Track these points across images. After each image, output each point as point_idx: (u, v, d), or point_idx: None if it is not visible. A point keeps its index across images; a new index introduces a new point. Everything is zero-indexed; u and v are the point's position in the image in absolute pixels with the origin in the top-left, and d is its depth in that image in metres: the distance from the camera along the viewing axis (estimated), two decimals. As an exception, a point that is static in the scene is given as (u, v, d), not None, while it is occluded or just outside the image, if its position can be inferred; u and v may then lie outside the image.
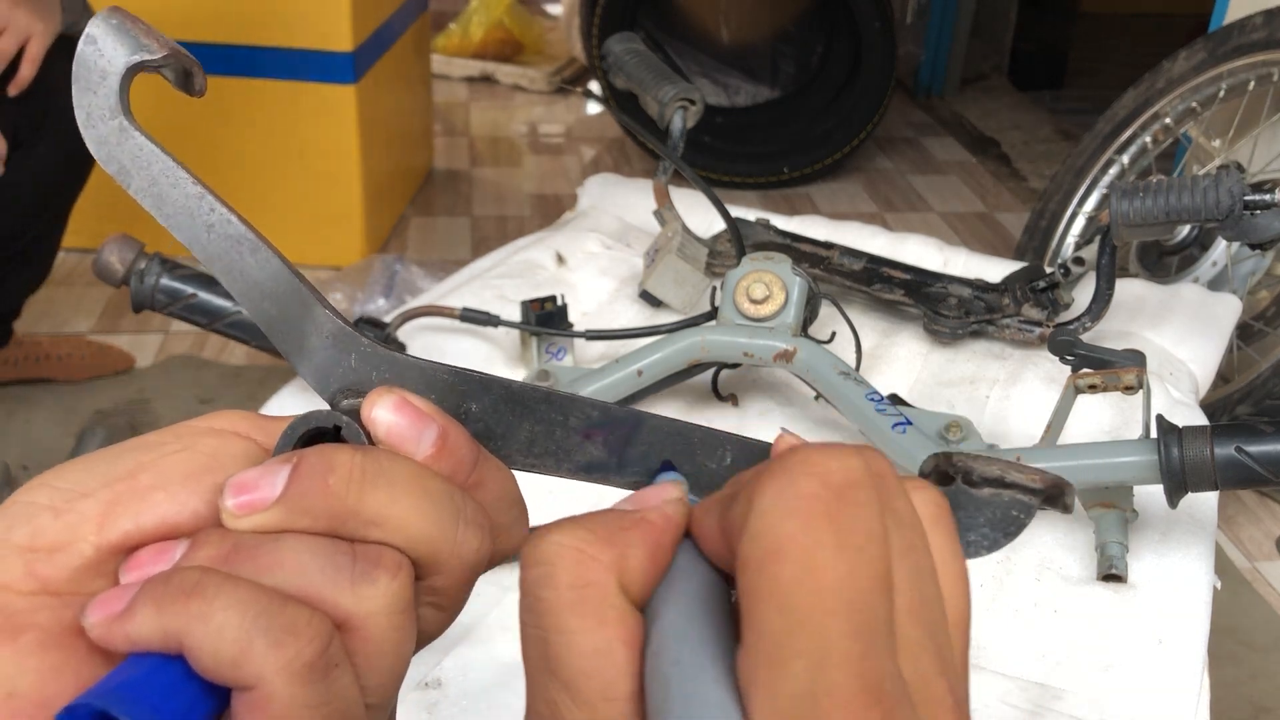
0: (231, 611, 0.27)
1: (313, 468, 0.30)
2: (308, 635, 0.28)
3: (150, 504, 0.30)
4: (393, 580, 0.30)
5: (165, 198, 0.35)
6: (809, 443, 0.28)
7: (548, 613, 0.29)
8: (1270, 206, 1.03)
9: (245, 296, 0.35)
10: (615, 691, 0.27)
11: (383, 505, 0.30)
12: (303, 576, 0.29)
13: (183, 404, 2.01)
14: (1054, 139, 3.50)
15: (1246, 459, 0.81)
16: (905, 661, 0.25)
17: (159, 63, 0.35)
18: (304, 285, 0.34)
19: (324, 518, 0.30)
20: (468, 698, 0.75)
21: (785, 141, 3.22)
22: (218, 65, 2.36)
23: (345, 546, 0.30)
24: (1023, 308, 1.20)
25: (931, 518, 0.29)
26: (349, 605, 0.29)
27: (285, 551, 0.29)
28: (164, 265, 0.98)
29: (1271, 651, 1.60)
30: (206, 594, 0.27)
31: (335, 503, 0.30)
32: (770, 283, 1.01)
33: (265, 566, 0.29)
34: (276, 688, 0.27)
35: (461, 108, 3.69)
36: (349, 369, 0.35)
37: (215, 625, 0.27)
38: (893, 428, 0.92)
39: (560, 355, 1.11)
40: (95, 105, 0.35)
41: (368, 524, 0.30)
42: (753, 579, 0.25)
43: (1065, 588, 0.87)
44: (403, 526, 0.30)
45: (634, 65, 1.29)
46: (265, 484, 0.29)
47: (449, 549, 0.31)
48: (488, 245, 2.53)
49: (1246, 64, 1.91)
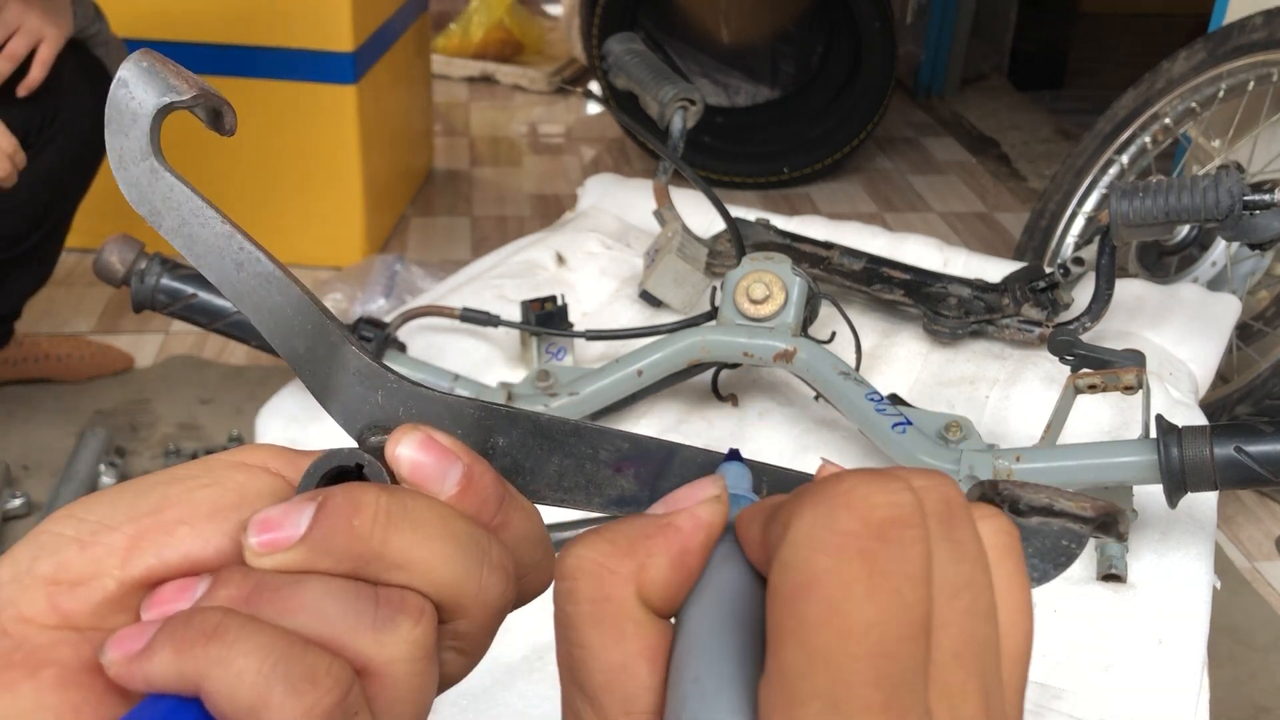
0: (252, 657, 0.27)
1: (337, 507, 0.29)
2: (327, 684, 0.27)
3: (175, 539, 0.30)
4: (416, 626, 0.29)
5: (195, 237, 0.36)
6: (856, 471, 0.27)
7: (571, 627, 0.29)
8: (1269, 206, 1.03)
9: (274, 333, 0.35)
10: (637, 706, 0.27)
11: (407, 548, 0.30)
12: (324, 620, 0.28)
13: (183, 404, 2.01)
14: (1054, 139, 3.51)
15: (1246, 459, 0.81)
16: (943, 707, 0.25)
17: (189, 103, 0.36)
18: (332, 322, 0.34)
19: (347, 559, 0.29)
20: (467, 697, 0.75)
21: (785, 141, 3.22)
22: (218, 65, 2.36)
23: (368, 590, 0.29)
24: (1022, 308, 1.20)
25: (1001, 548, 0.28)
26: (370, 651, 0.29)
27: (307, 594, 0.29)
28: (164, 265, 0.98)
29: (1271, 651, 1.61)
30: (227, 638, 0.27)
31: (359, 545, 0.29)
32: (770, 283, 1.01)
33: (287, 609, 0.28)
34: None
35: (462, 108, 3.69)
36: (376, 405, 0.34)
37: (235, 671, 0.27)
38: (892, 428, 0.93)
39: (560, 355, 1.11)
40: (127, 148, 0.35)
41: (391, 567, 0.30)
42: (779, 610, 0.25)
43: (1065, 587, 0.87)
44: (427, 571, 0.30)
45: (634, 65, 1.29)
46: (289, 522, 0.29)
47: (474, 593, 0.31)
48: (488, 245, 2.53)
49: (1246, 64, 1.91)
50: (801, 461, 1.02)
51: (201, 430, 1.93)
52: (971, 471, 0.87)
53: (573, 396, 0.99)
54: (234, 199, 2.48)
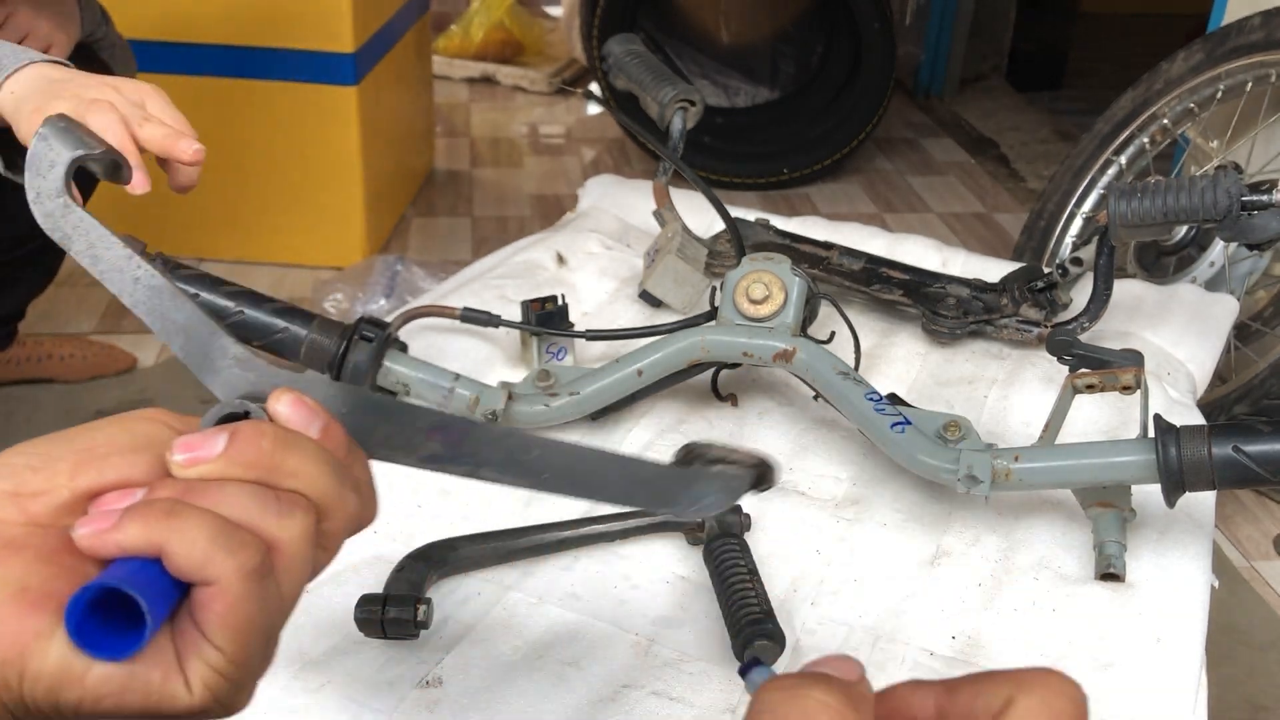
0: (201, 529, 0.39)
1: (249, 433, 0.42)
2: (251, 550, 0.40)
3: (109, 465, 0.41)
4: (306, 516, 0.42)
5: (100, 258, 0.46)
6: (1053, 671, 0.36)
7: None
8: (1268, 207, 1.04)
9: (165, 332, 0.46)
10: None
11: (297, 465, 0.42)
12: (243, 510, 0.40)
13: (184, 403, 2.02)
14: (1052, 140, 3.51)
15: (1244, 458, 0.81)
16: None
17: (96, 158, 0.46)
18: (212, 321, 0.46)
19: (255, 470, 0.41)
20: (468, 696, 0.75)
21: (785, 142, 3.22)
22: (220, 66, 2.36)
23: (271, 491, 0.41)
24: (1021, 308, 1.20)
25: None
26: (276, 533, 0.41)
27: (228, 492, 0.40)
28: (166, 265, 0.98)
29: (1269, 650, 1.61)
30: (181, 515, 0.39)
31: (265, 459, 0.41)
32: (770, 283, 1.01)
33: (215, 502, 0.40)
34: (231, 584, 0.39)
35: (462, 109, 3.69)
36: (249, 382, 0.46)
37: (189, 538, 0.39)
38: (891, 427, 0.93)
39: (561, 355, 1.11)
40: (44, 187, 0.45)
41: (286, 476, 0.42)
42: None
43: (1064, 587, 0.88)
44: (310, 481, 0.42)
45: (634, 66, 1.29)
46: (207, 445, 0.41)
47: (339, 503, 0.43)
48: (488, 246, 2.53)
49: (1244, 65, 1.91)
50: (800, 461, 1.03)
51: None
52: (970, 471, 0.88)
53: (573, 396, 1.00)
54: (235, 199, 2.49)
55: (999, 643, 0.83)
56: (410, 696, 0.73)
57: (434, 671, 0.75)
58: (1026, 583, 0.88)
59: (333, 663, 0.75)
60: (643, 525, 0.89)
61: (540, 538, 0.87)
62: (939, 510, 0.96)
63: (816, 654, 0.81)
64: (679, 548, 0.90)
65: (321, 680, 0.73)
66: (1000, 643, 0.83)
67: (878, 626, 0.84)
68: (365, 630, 0.75)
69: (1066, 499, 0.95)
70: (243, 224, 2.52)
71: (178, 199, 1.15)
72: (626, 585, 0.86)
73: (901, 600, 0.87)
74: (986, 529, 0.94)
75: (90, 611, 0.38)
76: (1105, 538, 0.89)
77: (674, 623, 0.83)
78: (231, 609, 0.39)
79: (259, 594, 0.40)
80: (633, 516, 0.89)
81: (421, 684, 0.74)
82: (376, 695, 0.72)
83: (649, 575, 0.88)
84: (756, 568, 0.84)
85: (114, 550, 0.39)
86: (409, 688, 0.74)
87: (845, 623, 0.85)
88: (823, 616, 0.85)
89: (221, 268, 2.42)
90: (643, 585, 0.87)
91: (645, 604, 0.85)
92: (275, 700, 0.71)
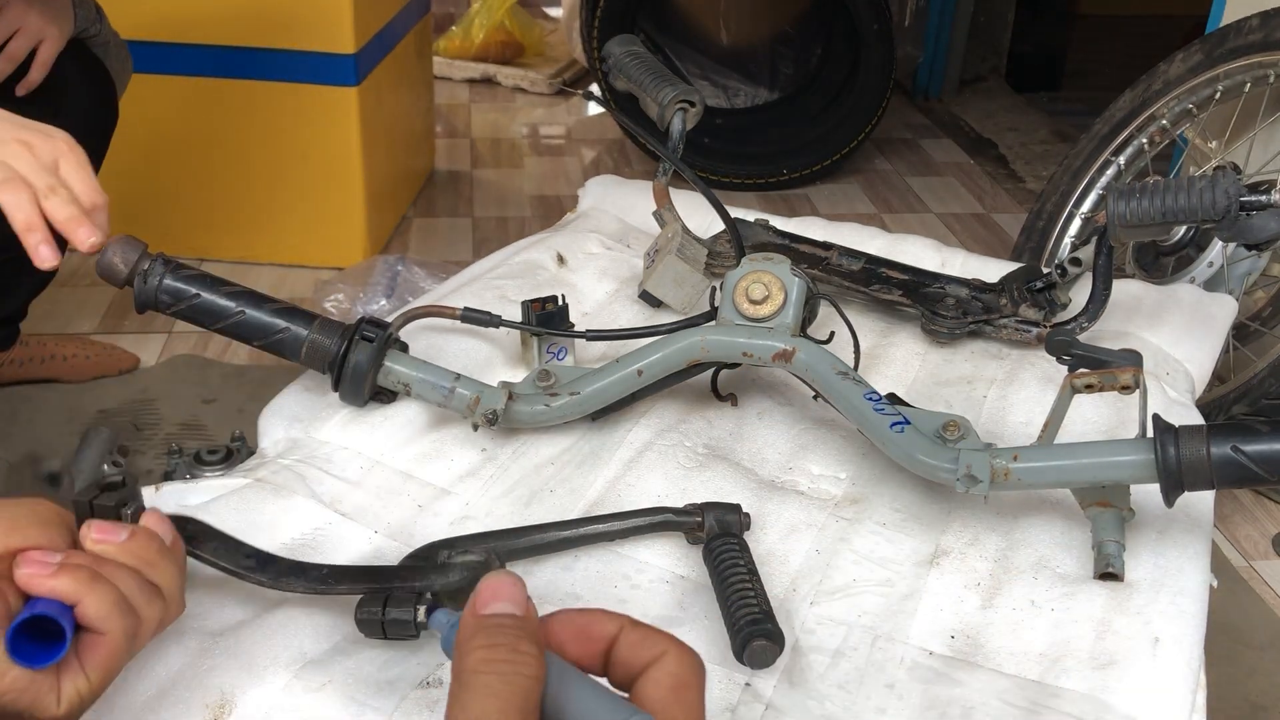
0: (108, 595, 0.59)
1: (143, 535, 0.64)
2: (133, 618, 0.61)
3: (28, 534, 0.60)
4: (161, 604, 0.63)
5: None
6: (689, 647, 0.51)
7: None
8: (1266, 207, 1.04)
9: None
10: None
11: (164, 567, 0.64)
12: (130, 590, 0.61)
13: (186, 403, 2.02)
14: (1051, 140, 3.51)
15: (1243, 458, 0.81)
16: None
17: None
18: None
19: (139, 561, 0.62)
20: (470, 694, 0.75)
21: (784, 143, 3.22)
22: (220, 67, 2.37)
23: (146, 580, 0.63)
24: (1020, 308, 1.21)
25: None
26: (144, 610, 0.62)
27: (124, 575, 0.61)
28: (167, 266, 0.99)
29: (1268, 650, 1.61)
30: (98, 582, 0.59)
31: (148, 556, 0.63)
32: (769, 283, 1.01)
33: (116, 578, 0.60)
34: (116, 639, 0.60)
35: (463, 109, 3.70)
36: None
37: (101, 599, 0.59)
38: (891, 427, 0.93)
39: (561, 355, 1.11)
40: None
41: (156, 572, 0.63)
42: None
43: (1062, 586, 0.88)
44: (168, 582, 0.64)
45: (634, 67, 1.30)
46: (114, 533, 0.63)
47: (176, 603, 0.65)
48: (489, 246, 2.53)
49: (1243, 65, 1.92)
50: (800, 461, 1.03)
51: (204, 430, 1.94)
52: (969, 471, 0.88)
53: (573, 396, 1.00)
54: (237, 200, 2.49)
55: (998, 642, 0.83)
56: (411, 696, 0.73)
57: (435, 673, 0.76)
58: (1025, 582, 0.89)
59: (333, 663, 0.75)
60: (642, 525, 0.89)
61: (540, 538, 0.87)
62: (938, 510, 0.97)
63: (816, 654, 0.81)
64: (679, 547, 0.90)
65: (322, 680, 0.73)
66: (999, 642, 0.83)
67: (877, 626, 0.85)
68: (366, 630, 0.75)
69: (1065, 499, 0.95)
70: (244, 224, 2.52)
71: (179, 199, 1.15)
72: (626, 585, 0.87)
73: (901, 600, 0.87)
74: (985, 528, 0.94)
75: (21, 629, 0.56)
76: (1104, 537, 0.89)
77: (674, 622, 0.83)
78: (110, 656, 0.59)
79: (127, 650, 0.60)
80: (632, 516, 0.90)
81: (422, 684, 0.75)
82: (377, 695, 0.73)
83: (649, 575, 0.88)
84: (756, 567, 0.84)
85: (45, 591, 0.58)
86: (409, 688, 0.74)
87: (844, 622, 0.85)
88: (822, 616, 0.85)
89: (223, 268, 2.43)
90: (643, 585, 0.87)
91: (645, 604, 0.85)
92: (276, 700, 0.72)
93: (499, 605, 0.49)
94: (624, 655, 0.50)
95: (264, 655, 0.74)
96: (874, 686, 0.79)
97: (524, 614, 0.49)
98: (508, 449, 1.01)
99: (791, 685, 0.79)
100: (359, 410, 1.02)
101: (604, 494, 0.96)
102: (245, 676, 0.73)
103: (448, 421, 1.02)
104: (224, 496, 0.90)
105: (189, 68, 2.36)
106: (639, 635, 0.50)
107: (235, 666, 0.73)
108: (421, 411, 1.02)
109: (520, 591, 0.50)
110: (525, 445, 1.02)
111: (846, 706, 0.77)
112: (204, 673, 0.72)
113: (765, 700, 0.77)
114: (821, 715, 0.76)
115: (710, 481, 0.97)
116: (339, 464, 0.97)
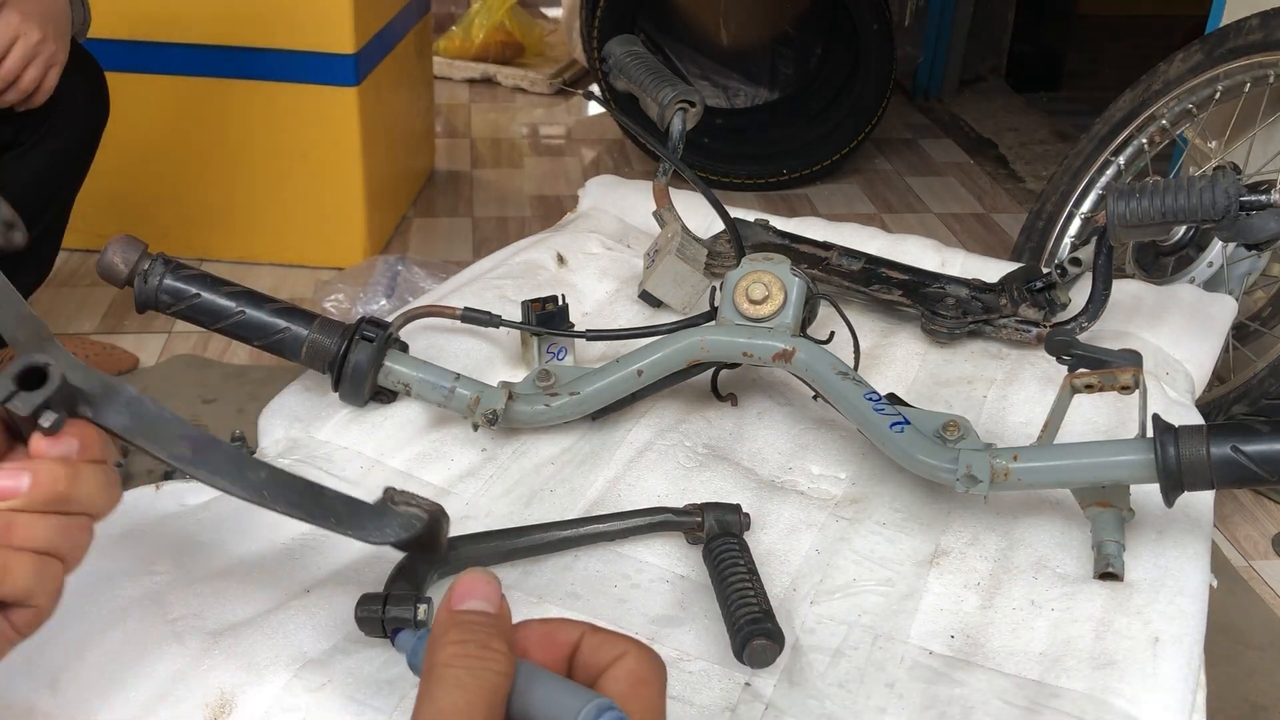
0: (24, 569, 0.56)
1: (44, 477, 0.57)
2: (58, 573, 0.58)
3: None
4: (89, 531, 0.59)
5: None
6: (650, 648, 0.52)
7: None
8: (1266, 207, 1.04)
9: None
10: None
11: (82, 492, 0.58)
12: (47, 541, 0.56)
13: (186, 403, 2.02)
14: (1051, 141, 3.51)
15: (1242, 458, 0.81)
16: None
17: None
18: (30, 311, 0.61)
19: (51, 504, 0.57)
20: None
21: (784, 143, 3.22)
22: (220, 67, 2.37)
23: (65, 520, 0.57)
24: (1020, 308, 1.21)
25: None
26: (69, 552, 0.58)
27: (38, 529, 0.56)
28: (167, 266, 0.99)
29: (1268, 650, 1.61)
30: (11, 565, 0.55)
31: (59, 495, 0.57)
32: (769, 283, 1.01)
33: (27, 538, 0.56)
34: (43, 606, 0.57)
35: (463, 109, 3.70)
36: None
37: (18, 576, 0.56)
38: (891, 427, 0.93)
39: (561, 355, 1.11)
40: None
41: (74, 504, 0.57)
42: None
43: (1062, 586, 0.88)
44: (90, 502, 0.58)
45: (634, 67, 1.30)
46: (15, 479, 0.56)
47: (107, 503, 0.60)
48: (489, 246, 2.53)
49: (1242, 65, 1.92)
50: (800, 461, 1.03)
51: (204, 429, 1.94)
52: (969, 471, 0.88)
53: (573, 396, 1.00)
54: (237, 200, 2.49)
55: (997, 642, 0.83)
56: (411, 696, 0.73)
57: (435, 670, 0.76)
58: (1025, 582, 0.89)
59: (333, 662, 0.75)
60: (642, 525, 0.89)
61: (540, 537, 0.87)
62: (938, 510, 0.97)
63: (816, 653, 0.81)
64: (679, 547, 0.90)
65: (322, 679, 0.73)
66: (999, 642, 0.83)
67: (877, 626, 0.85)
68: (366, 629, 0.75)
69: (1065, 498, 0.95)
70: (244, 224, 2.52)
71: (179, 199, 1.15)
72: (626, 584, 0.87)
73: (900, 599, 0.87)
74: (985, 528, 0.94)
75: None
76: (1104, 537, 0.89)
77: (674, 622, 0.83)
78: (39, 617, 0.58)
79: (57, 601, 0.59)
80: (632, 516, 0.90)
81: (422, 682, 0.75)
82: (377, 694, 0.73)
83: (649, 575, 0.88)
84: (756, 567, 0.84)
85: None
86: (410, 687, 0.74)
87: (844, 622, 0.85)
88: (822, 615, 0.85)
89: (223, 268, 2.43)
90: (643, 584, 0.87)
91: (645, 603, 0.85)
92: (276, 699, 0.72)
93: (473, 602, 0.51)
94: (586, 657, 0.51)
95: (264, 655, 0.74)
96: (874, 686, 0.79)
97: (497, 612, 0.51)
98: (508, 449, 1.01)
99: (791, 684, 0.79)
100: (359, 410, 1.02)
101: (604, 494, 0.96)
102: (245, 676, 0.73)
103: (448, 421, 1.02)
104: (224, 496, 0.90)
105: (189, 68, 2.36)
106: (600, 638, 0.52)
107: (235, 666, 0.73)
108: (421, 411, 1.02)
109: (494, 590, 0.52)
110: (525, 445, 1.02)
111: (846, 706, 0.77)
112: (204, 672, 0.73)
113: (765, 700, 0.77)
114: (821, 714, 0.76)
115: (710, 481, 0.97)
116: (339, 464, 0.97)
